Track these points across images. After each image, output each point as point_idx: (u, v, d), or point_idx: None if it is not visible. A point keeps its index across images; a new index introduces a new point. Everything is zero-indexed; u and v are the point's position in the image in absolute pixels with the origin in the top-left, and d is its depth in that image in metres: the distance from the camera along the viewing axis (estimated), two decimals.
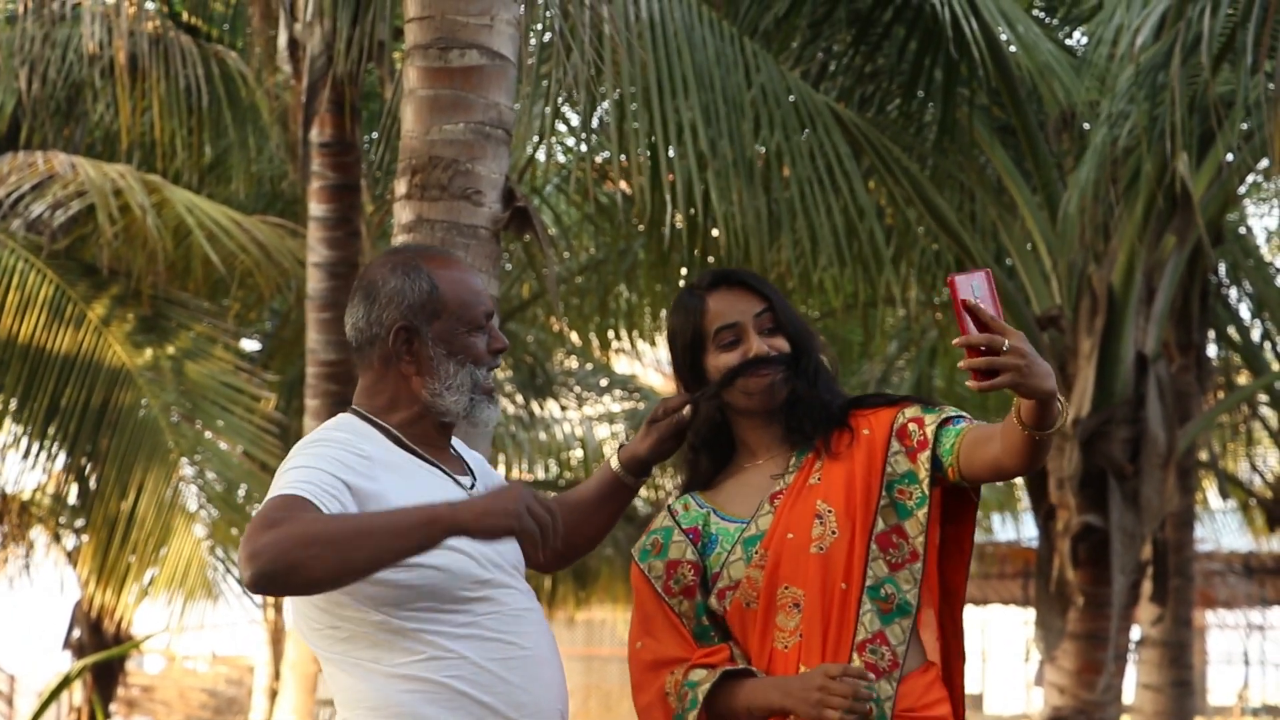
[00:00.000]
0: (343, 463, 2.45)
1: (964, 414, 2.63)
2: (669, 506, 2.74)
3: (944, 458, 2.60)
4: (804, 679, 2.52)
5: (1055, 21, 8.43)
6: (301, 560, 2.27)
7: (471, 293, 2.59)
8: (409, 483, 2.51)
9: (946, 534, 2.68)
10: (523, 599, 2.56)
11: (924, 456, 2.60)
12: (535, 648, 2.54)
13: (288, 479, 2.42)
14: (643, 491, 13.86)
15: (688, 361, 2.68)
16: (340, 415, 2.61)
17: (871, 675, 2.52)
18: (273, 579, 2.28)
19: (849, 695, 2.47)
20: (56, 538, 10.07)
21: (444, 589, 2.47)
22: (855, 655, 2.55)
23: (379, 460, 2.50)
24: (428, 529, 2.32)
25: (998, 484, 11.94)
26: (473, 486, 2.63)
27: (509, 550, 2.58)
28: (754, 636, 2.61)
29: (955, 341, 2.40)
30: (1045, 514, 7.20)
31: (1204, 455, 10.69)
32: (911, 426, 2.63)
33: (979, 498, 2.69)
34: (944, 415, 2.62)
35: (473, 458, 2.73)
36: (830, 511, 2.60)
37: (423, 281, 2.56)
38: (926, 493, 2.60)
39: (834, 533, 2.59)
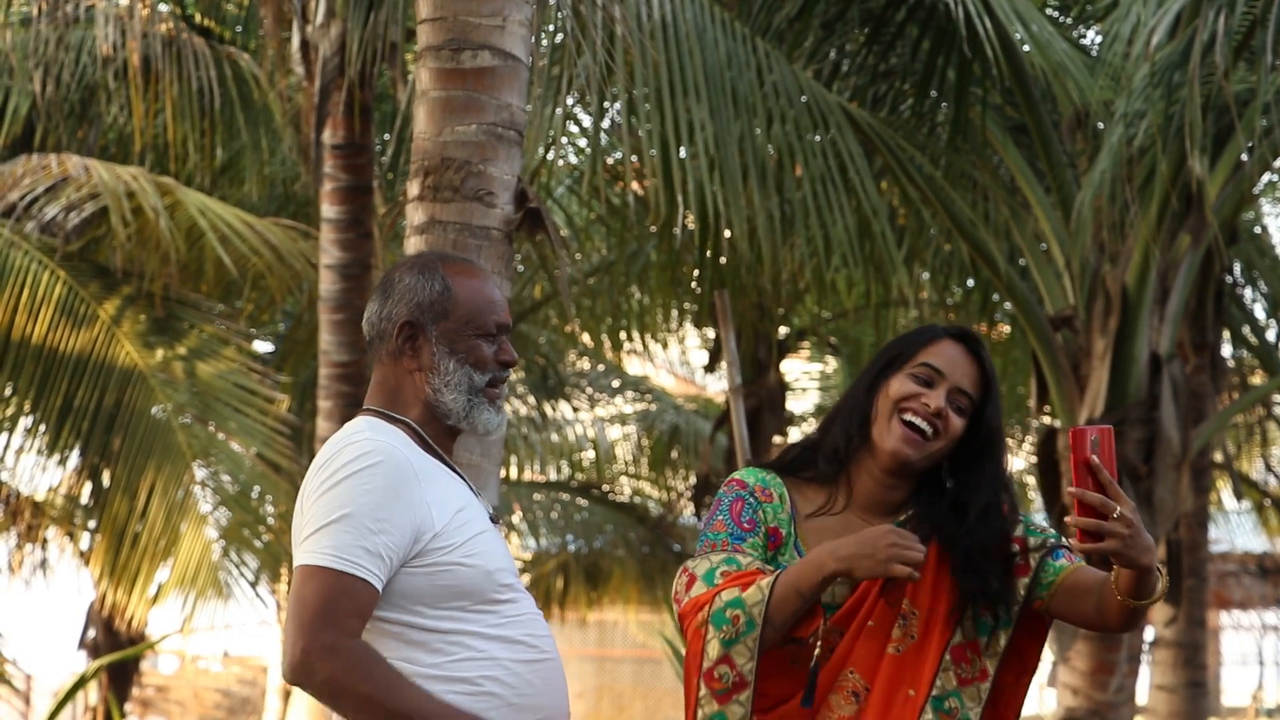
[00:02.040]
0: (391, 513, 2.41)
1: (1066, 544, 2.55)
2: (759, 478, 2.60)
3: (1039, 591, 2.53)
4: (865, 535, 2.41)
5: (1069, 20, 8.41)
6: (347, 704, 2.37)
7: (486, 302, 2.56)
8: (439, 489, 2.48)
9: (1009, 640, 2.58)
10: (533, 604, 2.56)
11: (1022, 582, 2.52)
12: (552, 652, 2.54)
13: (335, 539, 2.39)
14: (654, 492, 13.84)
15: (876, 370, 2.59)
16: (361, 419, 2.54)
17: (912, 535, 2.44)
18: (311, 690, 2.38)
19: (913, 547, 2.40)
20: (71, 538, 10.09)
21: (478, 588, 2.46)
22: None
23: (419, 471, 2.46)
24: None
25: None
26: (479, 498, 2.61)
27: (509, 554, 2.59)
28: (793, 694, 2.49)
29: (1069, 491, 2.38)
30: (1058, 514, 7.17)
31: (1218, 456, 10.65)
32: (1013, 546, 2.55)
33: (1052, 619, 2.59)
34: (1048, 542, 2.54)
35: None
36: (914, 614, 2.51)
37: (436, 282, 2.55)
38: (1012, 618, 2.52)
39: (913, 638, 2.51)
